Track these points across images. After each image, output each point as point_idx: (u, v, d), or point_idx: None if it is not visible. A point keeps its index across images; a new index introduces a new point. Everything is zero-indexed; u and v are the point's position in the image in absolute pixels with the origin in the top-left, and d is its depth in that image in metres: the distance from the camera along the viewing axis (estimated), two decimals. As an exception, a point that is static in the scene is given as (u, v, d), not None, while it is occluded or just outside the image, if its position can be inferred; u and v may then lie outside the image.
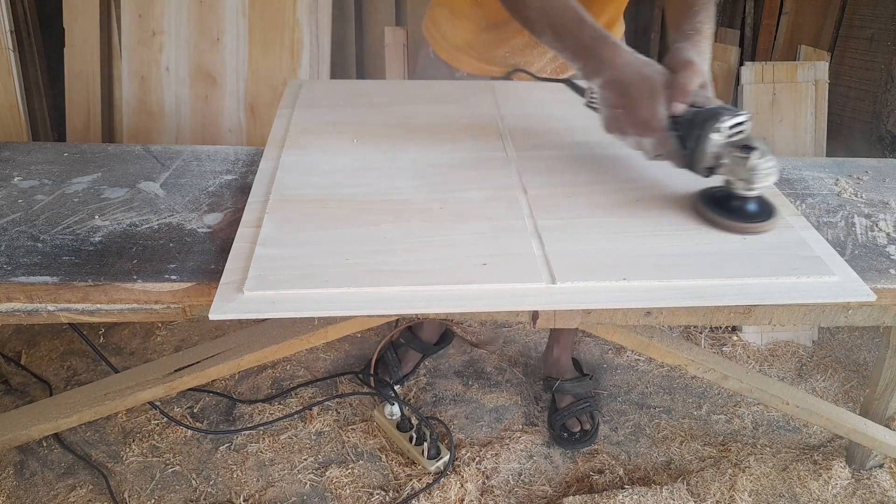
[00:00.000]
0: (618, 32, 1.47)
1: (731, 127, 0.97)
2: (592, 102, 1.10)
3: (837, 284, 0.93)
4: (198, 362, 1.32)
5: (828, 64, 2.25)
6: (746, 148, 0.97)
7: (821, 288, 0.93)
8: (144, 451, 1.64)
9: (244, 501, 1.52)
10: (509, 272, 0.93)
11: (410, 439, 1.62)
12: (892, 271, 1.05)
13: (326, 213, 1.05)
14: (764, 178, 0.98)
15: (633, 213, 1.07)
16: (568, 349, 1.79)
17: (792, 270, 0.94)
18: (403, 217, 1.04)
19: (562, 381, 1.73)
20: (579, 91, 1.20)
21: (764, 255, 0.97)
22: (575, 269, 0.93)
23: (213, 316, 0.85)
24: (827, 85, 2.23)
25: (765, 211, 1.05)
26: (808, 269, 0.95)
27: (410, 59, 2.30)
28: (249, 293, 0.88)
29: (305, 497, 1.54)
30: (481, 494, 1.55)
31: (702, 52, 1.02)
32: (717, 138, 0.97)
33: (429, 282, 0.91)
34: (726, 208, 1.04)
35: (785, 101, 2.21)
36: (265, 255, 0.95)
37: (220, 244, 1.04)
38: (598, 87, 1.03)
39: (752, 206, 1.03)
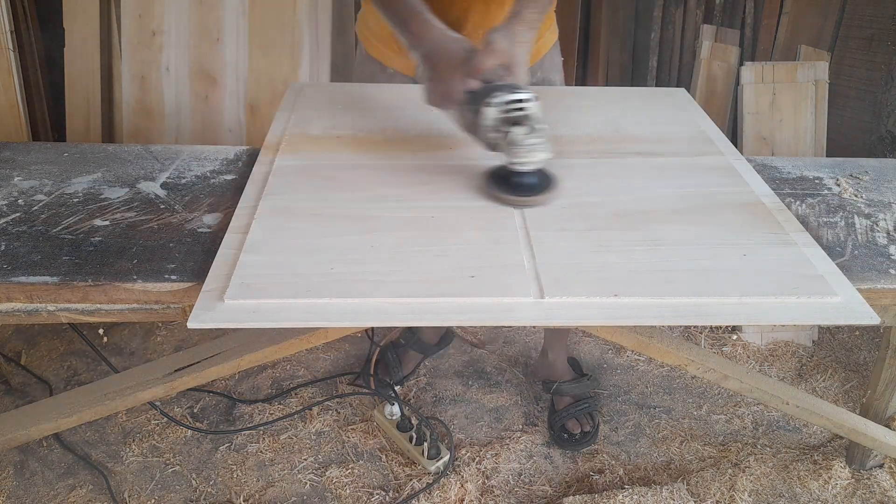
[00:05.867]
0: (551, 37, 1.48)
1: (508, 102, 1.00)
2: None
3: (840, 305, 0.90)
4: (198, 362, 1.32)
5: (828, 64, 2.25)
6: (515, 124, 1.00)
7: (822, 309, 0.90)
8: (144, 451, 1.64)
9: (244, 501, 1.52)
10: (497, 285, 0.91)
11: (410, 439, 1.62)
12: (892, 271, 1.05)
13: (316, 221, 1.03)
14: (527, 153, 1.02)
15: (630, 225, 1.04)
16: (563, 352, 1.79)
17: (792, 290, 0.91)
18: (394, 226, 1.03)
19: (559, 383, 1.73)
20: None
21: (763, 273, 0.94)
22: (565, 284, 0.91)
23: (191, 324, 0.84)
24: (827, 85, 2.23)
25: (540, 186, 1.09)
26: (810, 288, 0.92)
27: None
28: (230, 302, 0.86)
29: (305, 497, 1.54)
30: (481, 494, 1.55)
31: (513, 35, 1.04)
32: (490, 112, 1.00)
33: (413, 293, 0.89)
34: (503, 183, 1.09)
35: (785, 101, 2.21)
36: (249, 263, 0.93)
37: (220, 244, 1.04)
38: (418, 61, 1.08)
39: (524, 180, 1.07)
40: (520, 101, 1.00)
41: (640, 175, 1.19)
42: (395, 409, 1.68)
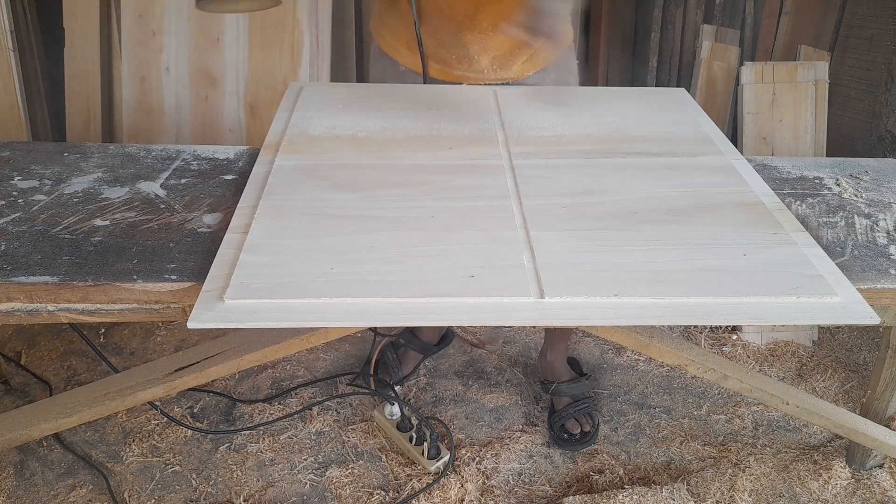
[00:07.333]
0: (567, 37, 1.48)
1: None
2: None
3: (840, 306, 0.90)
4: (198, 362, 1.32)
5: (828, 64, 2.25)
6: None
7: (822, 309, 0.90)
8: (144, 451, 1.64)
9: (244, 501, 1.52)
10: (497, 285, 0.90)
11: (410, 439, 1.62)
12: (892, 271, 1.05)
13: (316, 221, 1.03)
14: None
15: (630, 226, 1.04)
16: (561, 352, 1.79)
17: (792, 290, 0.91)
18: (394, 226, 1.02)
19: (558, 383, 1.73)
20: None
21: (763, 273, 0.94)
22: (565, 284, 0.91)
23: (191, 324, 0.84)
24: (827, 85, 2.23)
25: None
26: (810, 288, 0.92)
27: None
28: (230, 302, 0.86)
29: (305, 497, 1.54)
30: (481, 494, 1.55)
31: None
32: None
33: (413, 293, 0.89)
34: None
35: (785, 101, 2.21)
36: (249, 263, 0.93)
37: (220, 244, 1.04)
38: None
39: None
40: None
41: (640, 175, 1.19)
42: (395, 409, 1.68)
